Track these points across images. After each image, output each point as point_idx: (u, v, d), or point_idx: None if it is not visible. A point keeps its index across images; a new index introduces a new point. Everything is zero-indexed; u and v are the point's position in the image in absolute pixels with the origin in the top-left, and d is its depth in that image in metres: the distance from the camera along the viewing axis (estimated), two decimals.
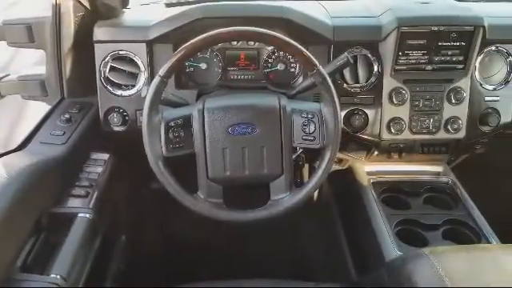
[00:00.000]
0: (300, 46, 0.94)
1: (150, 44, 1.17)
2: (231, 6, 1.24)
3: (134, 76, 1.19)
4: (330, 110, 0.96)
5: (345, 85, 1.20)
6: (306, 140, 0.99)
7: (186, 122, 0.97)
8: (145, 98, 0.94)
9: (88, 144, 1.17)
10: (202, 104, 0.98)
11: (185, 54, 0.93)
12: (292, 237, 1.76)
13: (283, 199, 0.98)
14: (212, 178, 0.97)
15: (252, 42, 1.25)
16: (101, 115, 1.21)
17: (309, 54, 0.95)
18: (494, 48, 1.21)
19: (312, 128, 0.98)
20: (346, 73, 1.19)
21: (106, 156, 1.19)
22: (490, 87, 1.23)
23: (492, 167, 1.57)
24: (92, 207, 1.01)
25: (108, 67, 1.19)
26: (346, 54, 1.08)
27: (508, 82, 1.23)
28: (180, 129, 0.96)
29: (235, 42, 1.24)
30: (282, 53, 1.25)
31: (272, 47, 1.24)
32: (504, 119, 1.24)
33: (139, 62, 1.18)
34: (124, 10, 1.27)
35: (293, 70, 1.26)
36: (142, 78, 1.19)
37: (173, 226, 1.76)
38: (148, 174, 0.96)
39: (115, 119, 1.20)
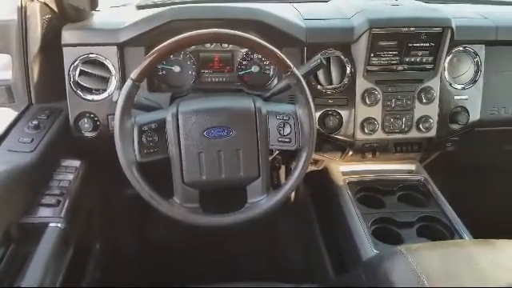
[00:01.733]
0: (274, 48, 0.95)
1: (121, 47, 1.15)
2: (204, 8, 1.23)
3: (105, 80, 1.17)
4: (305, 112, 0.97)
5: (319, 86, 1.21)
6: (281, 142, 0.99)
7: (160, 126, 0.95)
8: (116, 102, 0.92)
9: (58, 151, 1.14)
10: (175, 107, 0.97)
11: (157, 57, 0.91)
12: (269, 238, 1.76)
13: (260, 202, 0.98)
14: (188, 182, 0.96)
15: (226, 45, 1.24)
16: (71, 121, 1.17)
17: (283, 55, 0.95)
18: (461, 48, 1.24)
19: (288, 130, 0.98)
20: (320, 74, 1.20)
21: (77, 163, 1.15)
22: (459, 86, 1.27)
23: (462, 164, 1.62)
24: (63, 216, 0.98)
25: (77, 71, 1.15)
26: (319, 55, 1.09)
27: (476, 81, 1.26)
28: (154, 133, 0.94)
29: (209, 45, 1.23)
30: (256, 55, 1.24)
31: (246, 49, 1.24)
32: (473, 117, 1.27)
33: (110, 66, 1.15)
34: (93, 12, 1.24)
35: (267, 72, 1.26)
36: (114, 81, 1.16)
37: (149, 232, 1.73)
38: (122, 180, 0.94)
39: (86, 125, 1.16)
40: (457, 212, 1.20)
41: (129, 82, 0.91)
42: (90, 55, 1.15)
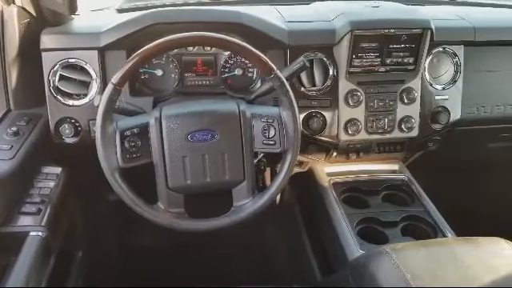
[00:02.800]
0: (257, 51, 0.95)
1: (101, 51, 1.13)
2: (186, 12, 1.22)
3: (86, 84, 1.15)
4: (289, 114, 0.97)
5: (302, 88, 1.21)
6: (266, 144, 0.99)
7: (143, 130, 0.94)
8: (97, 107, 0.90)
9: (38, 158, 1.11)
10: (158, 111, 0.96)
11: (139, 61, 0.90)
12: (255, 240, 1.75)
13: (246, 205, 0.98)
14: (172, 187, 0.95)
15: (209, 48, 1.23)
16: (51, 127, 1.15)
17: (266, 58, 0.95)
18: (441, 49, 1.26)
19: (272, 132, 0.98)
20: (303, 76, 1.20)
21: (58, 169, 1.13)
22: (439, 87, 1.29)
23: (444, 163, 1.65)
24: (45, 224, 0.96)
25: (57, 76, 1.13)
26: (302, 58, 1.09)
27: (455, 81, 1.29)
28: (136, 138, 0.93)
29: (191, 48, 1.22)
30: (239, 58, 1.24)
31: (229, 52, 1.23)
32: (453, 117, 1.30)
33: (91, 70, 1.14)
34: (73, 16, 1.22)
35: (251, 74, 1.26)
36: (94, 86, 1.14)
37: (133, 238, 1.70)
38: (104, 187, 0.92)
39: (67, 130, 1.14)
40: (440, 211, 1.22)
41: (110, 87, 0.90)
42: (70, 60, 1.13)
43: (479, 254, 0.86)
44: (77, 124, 1.15)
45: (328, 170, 1.39)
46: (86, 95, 1.15)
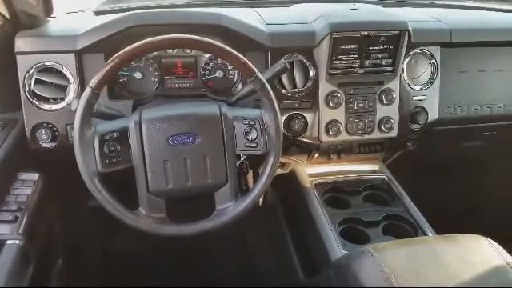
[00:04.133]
0: (237, 53, 0.94)
1: (79, 54, 1.11)
2: (165, 13, 1.21)
3: (63, 88, 1.12)
4: (271, 116, 0.97)
5: (283, 90, 1.21)
6: (248, 147, 0.98)
7: (122, 134, 0.93)
8: (75, 111, 0.88)
9: (14, 164, 1.08)
10: (138, 115, 0.95)
11: (117, 64, 0.89)
12: (239, 242, 1.75)
13: (229, 208, 0.97)
14: (153, 191, 0.94)
15: (189, 50, 1.22)
16: (27, 132, 1.12)
17: (247, 60, 0.95)
18: (418, 51, 1.29)
19: (254, 134, 0.98)
20: (284, 78, 1.20)
21: (35, 176, 1.10)
22: (417, 87, 1.31)
23: (423, 162, 1.68)
24: (22, 232, 0.93)
25: (33, 80, 1.10)
26: (282, 60, 1.09)
27: (433, 82, 1.31)
28: (116, 142, 0.92)
29: (171, 50, 1.21)
30: (220, 60, 1.24)
31: (210, 54, 1.23)
32: (431, 117, 1.32)
33: (68, 74, 1.11)
34: (48, 18, 1.19)
35: (232, 76, 1.26)
36: (72, 90, 1.12)
37: (114, 244, 1.67)
38: (83, 192, 0.91)
39: (44, 135, 1.11)
40: (420, 209, 1.24)
41: (88, 90, 0.88)
42: (46, 63, 1.10)
43: (459, 251, 0.88)
44: (54, 129, 1.13)
45: (310, 171, 1.40)
46: (63, 99, 1.12)
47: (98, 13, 1.33)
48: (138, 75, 1.19)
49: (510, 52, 1.38)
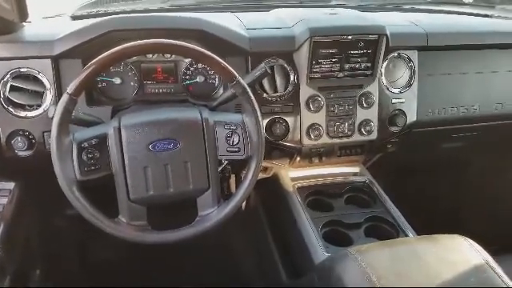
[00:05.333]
0: (218, 58, 0.94)
1: (55, 60, 1.08)
2: (144, 18, 1.19)
3: (39, 95, 1.10)
4: (252, 120, 0.97)
5: (264, 94, 1.21)
6: (230, 152, 0.98)
7: (101, 141, 0.91)
8: (52, 118, 0.86)
9: None
10: (117, 121, 0.93)
11: (96, 69, 0.87)
12: (222, 246, 1.74)
13: (211, 214, 0.96)
14: (134, 199, 0.92)
15: (168, 55, 1.21)
16: (2, 140, 1.09)
17: (227, 65, 0.94)
18: (396, 54, 1.31)
19: (236, 139, 0.98)
20: (265, 83, 1.20)
21: (11, 185, 1.08)
22: (396, 90, 1.33)
23: (403, 164, 1.70)
24: None
25: (8, 87, 1.07)
26: (263, 64, 1.10)
27: (411, 85, 1.33)
28: (94, 149, 0.90)
29: (150, 55, 1.20)
30: (200, 64, 1.23)
31: (190, 59, 1.22)
32: (410, 119, 1.34)
33: (44, 80, 1.09)
34: (23, 23, 1.16)
35: (213, 81, 1.25)
36: (49, 96, 1.09)
37: (95, 253, 1.64)
38: (62, 201, 0.88)
39: (20, 143, 1.08)
40: (401, 210, 1.26)
41: (65, 97, 0.86)
42: (22, 69, 1.07)
43: (439, 251, 0.90)
44: (30, 136, 1.10)
45: (292, 174, 1.40)
46: (39, 106, 1.10)
47: (74, 17, 1.31)
48: (117, 80, 1.18)
49: (485, 55, 1.41)
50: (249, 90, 0.96)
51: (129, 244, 0.92)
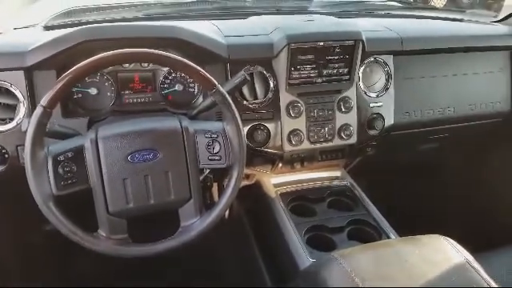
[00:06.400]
0: (196, 66, 0.93)
1: (28, 71, 1.05)
2: (119, 27, 1.17)
3: (12, 108, 1.06)
4: (233, 128, 0.97)
5: (244, 102, 1.21)
6: (212, 160, 0.97)
7: (78, 154, 0.89)
8: (26, 131, 0.84)
9: None
10: (94, 133, 0.91)
11: (70, 80, 0.85)
12: (206, 255, 1.72)
13: (194, 224, 0.95)
14: (113, 212, 0.90)
15: (146, 64, 1.20)
16: None
17: (206, 73, 0.94)
18: (372, 59, 1.33)
19: (217, 147, 0.97)
20: (245, 90, 1.20)
21: None
22: (373, 94, 1.35)
23: (383, 167, 1.73)
24: None
25: None
26: (242, 71, 1.09)
27: (387, 88, 1.36)
28: (71, 162, 0.87)
29: (127, 64, 1.18)
30: (179, 73, 1.22)
31: (168, 68, 1.21)
32: (388, 122, 1.36)
33: (17, 92, 1.05)
34: None
35: (192, 89, 1.24)
36: (22, 109, 1.06)
37: (74, 269, 1.59)
38: (38, 217, 0.85)
39: None
40: (382, 212, 1.27)
41: (39, 110, 0.84)
42: None
43: (421, 252, 0.91)
44: (3, 151, 1.06)
45: (274, 180, 1.40)
46: (12, 119, 1.06)
47: (47, 28, 1.27)
48: (94, 91, 1.15)
49: (457, 58, 1.45)
50: (228, 97, 0.96)
51: (110, 257, 0.89)
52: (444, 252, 0.91)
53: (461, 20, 1.70)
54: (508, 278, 1.08)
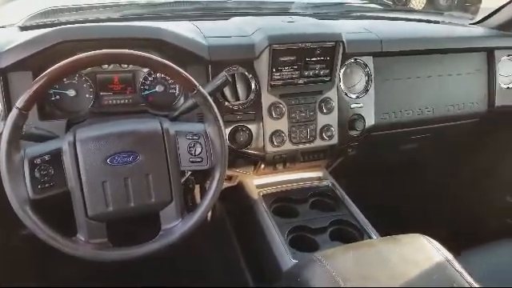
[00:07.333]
0: (177, 67, 0.92)
1: (3, 73, 1.02)
2: (98, 28, 1.15)
3: None
4: (215, 129, 0.96)
5: (226, 103, 1.21)
6: (193, 162, 0.96)
7: (55, 157, 0.87)
8: (1, 134, 0.82)
9: None
10: (72, 135, 0.89)
11: (47, 82, 0.83)
12: (189, 257, 1.71)
13: (176, 227, 0.94)
14: (92, 215, 0.88)
15: (126, 65, 1.17)
16: None
17: (187, 74, 0.93)
18: (353, 60, 1.34)
19: (199, 149, 0.96)
20: (227, 91, 1.20)
21: None
22: (354, 95, 1.36)
23: (364, 167, 1.74)
24: None
25: None
26: (224, 72, 1.09)
27: (368, 90, 1.37)
28: (48, 166, 0.85)
29: (106, 65, 1.16)
30: (160, 74, 1.20)
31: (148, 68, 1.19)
32: (368, 123, 1.38)
33: None
34: None
35: (173, 91, 1.23)
36: None
37: (54, 273, 1.56)
38: (15, 221, 0.83)
39: None
40: (363, 212, 1.28)
41: (14, 112, 0.82)
42: None
43: (402, 251, 0.92)
44: None
45: (257, 182, 1.40)
46: None
47: (23, 28, 1.24)
48: (72, 93, 1.13)
49: (436, 59, 1.48)
50: (210, 99, 0.95)
51: (91, 261, 0.88)
52: (425, 251, 0.92)
53: (439, 22, 1.73)
54: (488, 276, 1.10)
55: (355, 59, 1.34)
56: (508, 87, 1.58)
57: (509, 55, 1.57)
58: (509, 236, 1.30)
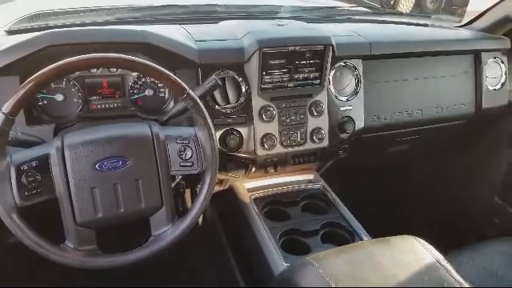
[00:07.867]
0: (167, 71, 0.92)
1: None
2: (87, 31, 1.14)
3: None
4: (205, 133, 0.95)
5: (217, 106, 1.20)
6: (184, 166, 0.95)
7: (43, 163, 0.85)
8: None
9: None
10: (60, 140, 0.88)
11: (34, 87, 0.82)
12: (180, 261, 1.69)
13: (166, 232, 0.93)
14: (81, 222, 0.87)
15: (114, 69, 1.17)
16: None
17: (177, 78, 0.92)
18: (342, 63, 1.35)
19: (189, 153, 0.95)
20: (217, 94, 1.20)
21: None
22: (344, 98, 1.37)
23: (354, 169, 1.75)
24: None
25: None
26: (214, 76, 1.08)
27: (357, 92, 1.38)
28: (35, 172, 0.84)
29: (95, 70, 1.15)
30: (149, 78, 1.19)
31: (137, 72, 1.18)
32: (358, 125, 1.38)
33: None
34: None
35: (162, 94, 1.22)
36: None
37: (42, 282, 1.53)
38: (1, 229, 0.82)
39: None
40: (354, 214, 1.29)
41: (0, 117, 0.80)
42: None
43: (393, 253, 0.92)
44: None
45: (248, 185, 1.40)
46: None
47: (10, 32, 1.23)
48: (60, 97, 1.11)
49: (425, 62, 1.49)
50: (200, 102, 0.95)
51: (79, 269, 0.86)
52: (415, 252, 0.93)
53: (427, 25, 1.75)
54: (478, 276, 1.11)
55: (345, 62, 1.35)
56: (494, 89, 1.60)
57: (495, 57, 1.59)
58: (497, 235, 1.31)
